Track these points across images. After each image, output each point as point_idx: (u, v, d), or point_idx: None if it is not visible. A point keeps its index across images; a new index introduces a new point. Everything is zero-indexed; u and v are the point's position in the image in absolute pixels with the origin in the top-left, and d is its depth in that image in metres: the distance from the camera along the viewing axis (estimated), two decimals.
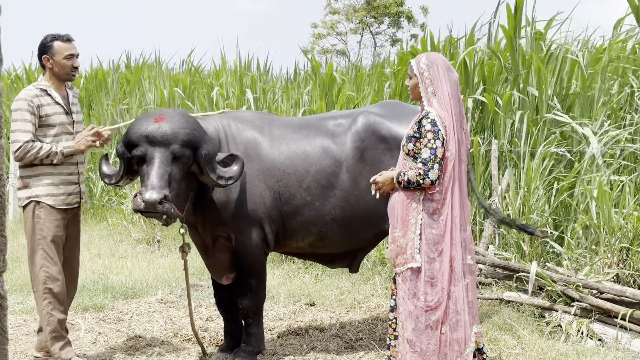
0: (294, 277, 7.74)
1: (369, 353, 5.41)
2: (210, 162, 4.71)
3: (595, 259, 6.37)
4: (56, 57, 5.06)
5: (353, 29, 37.49)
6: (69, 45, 5.10)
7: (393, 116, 5.24)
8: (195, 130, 4.67)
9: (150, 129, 4.59)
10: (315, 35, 37.56)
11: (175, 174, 4.62)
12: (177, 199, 4.65)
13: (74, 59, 5.12)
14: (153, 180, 4.51)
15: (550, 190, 7.33)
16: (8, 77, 16.91)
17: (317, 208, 5.13)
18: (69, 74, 5.12)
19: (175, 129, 4.59)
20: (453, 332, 4.20)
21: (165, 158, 4.57)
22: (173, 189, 4.60)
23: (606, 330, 5.54)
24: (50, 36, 5.10)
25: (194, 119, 4.78)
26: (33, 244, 5.00)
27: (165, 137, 4.57)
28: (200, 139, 4.67)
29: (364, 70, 12.05)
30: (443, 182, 4.18)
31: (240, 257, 5.12)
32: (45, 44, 5.08)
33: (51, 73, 5.12)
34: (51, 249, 5.00)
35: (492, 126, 8.53)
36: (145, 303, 6.97)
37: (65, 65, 5.08)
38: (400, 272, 4.26)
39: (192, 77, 13.50)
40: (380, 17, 36.93)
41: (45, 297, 4.99)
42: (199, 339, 5.37)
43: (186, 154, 4.62)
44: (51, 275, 5.00)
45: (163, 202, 4.46)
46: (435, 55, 4.34)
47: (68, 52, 5.08)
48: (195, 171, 4.76)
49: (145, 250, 9.54)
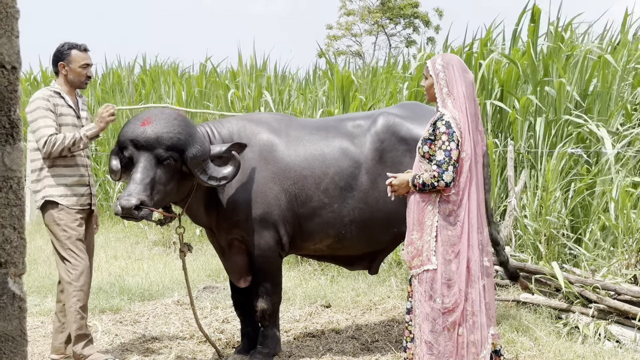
0: (309, 279, 7.74)
1: (385, 355, 5.40)
2: (199, 164, 4.70)
3: (612, 260, 6.33)
4: (72, 65, 5.23)
5: (368, 30, 37.50)
6: (85, 55, 5.27)
7: (413, 117, 5.21)
8: (180, 133, 4.66)
9: (135, 133, 4.66)
10: (330, 37, 37.59)
11: (160, 177, 4.66)
12: (163, 201, 4.76)
13: (88, 68, 5.30)
14: (131, 185, 4.59)
15: (568, 191, 7.30)
16: (26, 80, 17.04)
17: (336, 210, 5.12)
18: (82, 82, 5.30)
19: (158, 133, 4.62)
20: (470, 334, 4.18)
21: (148, 162, 4.63)
22: (159, 192, 4.66)
23: (624, 331, 5.50)
24: (67, 44, 5.27)
25: (182, 122, 4.76)
26: (61, 245, 5.11)
27: (149, 142, 4.62)
28: (185, 142, 4.66)
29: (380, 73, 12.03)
30: (459, 183, 4.16)
31: (255, 259, 5.12)
32: (63, 52, 5.24)
33: (65, 79, 5.27)
34: (78, 247, 5.13)
35: (509, 128, 8.50)
36: (162, 305, 6.99)
37: (80, 74, 5.26)
38: (416, 275, 4.25)
39: (209, 78, 13.54)
40: (396, 18, 36.90)
41: (75, 295, 5.08)
42: (209, 338, 5.38)
43: (172, 157, 4.65)
44: (81, 274, 5.10)
45: (140, 207, 4.51)
46: (451, 56, 4.33)
47: (84, 62, 5.26)
48: (187, 172, 4.77)
49: (162, 252, 9.58)
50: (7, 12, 1.73)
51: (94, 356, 5.16)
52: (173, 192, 4.81)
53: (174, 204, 5.20)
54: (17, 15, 1.75)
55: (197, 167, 4.70)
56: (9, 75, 1.74)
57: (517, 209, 7.19)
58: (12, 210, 1.76)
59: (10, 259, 1.75)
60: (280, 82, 13.19)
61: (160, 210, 4.92)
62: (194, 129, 4.82)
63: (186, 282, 5.32)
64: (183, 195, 4.99)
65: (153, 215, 4.64)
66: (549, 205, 6.98)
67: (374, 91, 10.74)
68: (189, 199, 4.99)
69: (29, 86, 16.48)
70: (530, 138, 8.14)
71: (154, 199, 4.64)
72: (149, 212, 4.57)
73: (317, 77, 13.37)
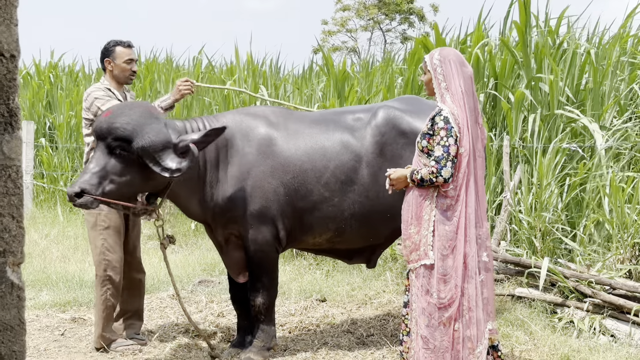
0: (305, 273, 7.74)
1: (380, 349, 5.41)
2: (149, 154, 4.66)
3: (607, 255, 6.36)
4: (117, 61, 5.47)
5: (364, 25, 37.47)
6: (129, 51, 5.51)
7: (413, 111, 5.20)
8: (129, 124, 4.65)
9: (96, 124, 4.77)
10: (326, 32, 37.56)
11: (114, 167, 4.70)
12: (121, 191, 4.78)
13: (133, 63, 5.53)
14: (81, 174, 4.72)
15: (562, 186, 7.31)
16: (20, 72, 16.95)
17: (336, 204, 5.11)
18: (127, 77, 5.53)
19: (110, 124, 4.68)
20: (466, 329, 4.19)
21: (101, 152, 4.72)
22: (112, 182, 4.71)
23: (619, 326, 5.53)
24: (113, 41, 5.53)
25: (138, 113, 4.75)
26: (95, 234, 5.38)
27: (102, 132, 4.70)
28: (133, 132, 4.64)
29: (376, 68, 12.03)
30: (457, 178, 4.16)
31: (252, 254, 5.12)
32: (108, 48, 5.50)
33: (111, 75, 5.52)
34: (112, 237, 5.38)
35: (504, 122, 8.50)
36: (157, 299, 6.99)
37: (125, 69, 5.49)
38: (414, 269, 4.26)
39: (205, 72, 13.51)
40: (391, 14, 36.89)
41: (105, 284, 5.35)
42: (197, 326, 5.33)
43: (121, 147, 4.68)
44: (110, 263, 5.35)
45: (81, 194, 4.60)
46: (449, 50, 4.33)
47: (128, 57, 5.49)
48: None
49: (156, 247, 9.52)
50: (6, 0, 1.73)
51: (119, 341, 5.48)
52: (135, 183, 4.79)
53: (154, 196, 5.16)
54: (16, 4, 1.75)
55: (148, 157, 4.66)
56: (8, 63, 1.73)
57: (512, 204, 7.20)
58: (10, 199, 1.76)
59: (9, 247, 1.75)
60: (275, 77, 13.17)
61: (115, 201, 4.80)
62: (149, 120, 4.74)
63: (169, 274, 5.28)
64: (159, 187, 4.95)
65: (96, 204, 4.71)
66: (544, 200, 6.99)
67: (370, 86, 10.73)
68: (167, 190, 4.95)
69: (21, 79, 16.40)
70: (524, 132, 8.16)
71: (105, 189, 4.68)
72: (90, 200, 4.64)
73: (313, 72, 13.35)
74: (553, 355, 5.10)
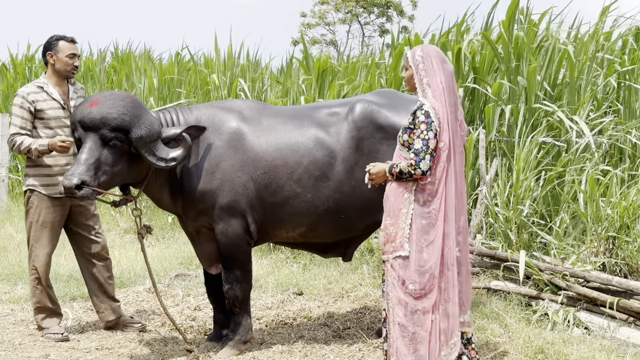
0: (282, 267, 7.74)
1: (357, 342, 5.42)
2: (145, 145, 4.73)
3: (582, 248, 6.41)
4: (59, 55, 5.52)
5: (342, 19, 37.41)
6: (72, 46, 5.57)
7: (390, 105, 5.19)
8: (125, 114, 4.69)
9: (83, 114, 4.74)
10: (305, 25, 37.48)
11: (107, 158, 4.74)
12: (112, 182, 4.86)
13: (75, 58, 5.58)
14: (75, 166, 4.68)
15: (539, 179, 7.36)
16: None
17: (309, 200, 5.10)
18: (68, 71, 5.56)
19: (103, 114, 4.68)
20: (440, 322, 4.23)
21: (94, 143, 4.72)
22: (105, 173, 4.74)
23: (592, 318, 5.58)
24: (56, 36, 5.58)
25: (129, 103, 4.78)
26: (27, 227, 5.57)
27: (94, 122, 4.69)
28: (130, 123, 4.69)
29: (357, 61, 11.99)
30: (435, 173, 4.20)
31: (223, 247, 5.12)
32: (51, 42, 5.55)
33: (52, 69, 5.56)
34: (41, 232, 5.50)
35: (481, 116, 8.54)
36: (133, 292, 6.96)
37: (67, 63, 5.53)
38: (388, 260, 4.28)
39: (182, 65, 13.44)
40: (369, 7, 36.87)
41: (32, 274, 5.56)
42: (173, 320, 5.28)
43: (117, 137, 4.70)
44: (37, 255, 5.53)
45: (81, 187, 4.60)
46: (430, 47, 4.39)
47: (70, 52, 5.54)
48: (136, 153, 4.79)
49: (133, 240, 9.48)
50: None
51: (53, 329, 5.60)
52: (123, 173, 4.86)
53: (132, 186, 5.19)
54: None
55: (144, 148, 4.73)
56: None
57: (488, 197, 7.24)
58: None
59: None
60: (253, 71, 13.10)
61: (111, 192, 4.95)
62: (142, 110, 4.82)
63: (146, 264, 5.29)
64: (139, 178, 5.02)
65: (95, 195, 4.73)
66: (520, 193, 7.03)
67: (350, 80, 10.70)
68: (145, 181, 5.00)
69: None
70: (501, 126, 8.20)
71: (100, 180, 4.72)
72: (90, 192, 4.65)
73: (293, 66, 13.29)
74: (527, 347, 5.13)
